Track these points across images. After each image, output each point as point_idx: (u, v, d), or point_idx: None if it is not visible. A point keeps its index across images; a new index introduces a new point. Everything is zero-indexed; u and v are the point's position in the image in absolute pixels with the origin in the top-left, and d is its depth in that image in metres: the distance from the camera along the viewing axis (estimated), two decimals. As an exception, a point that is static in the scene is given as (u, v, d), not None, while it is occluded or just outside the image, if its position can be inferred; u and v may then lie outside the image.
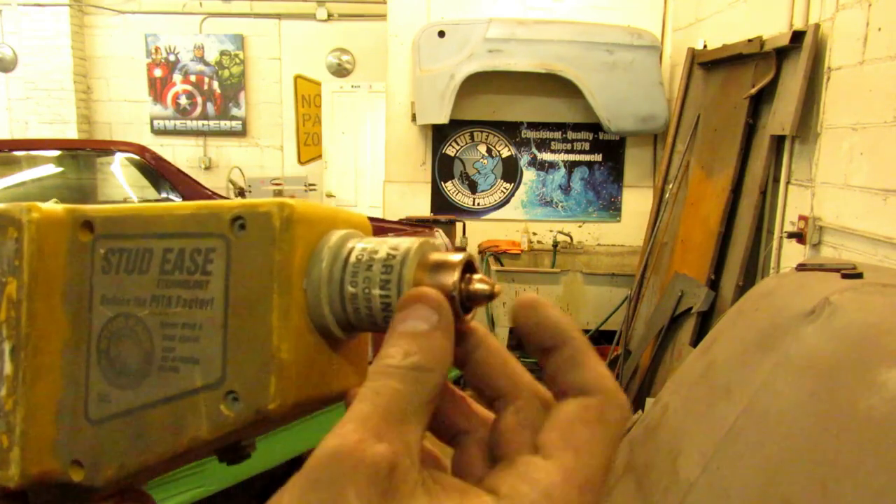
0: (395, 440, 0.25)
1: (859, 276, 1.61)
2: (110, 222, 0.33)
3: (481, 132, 5.05)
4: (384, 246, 0.30)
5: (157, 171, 4.27)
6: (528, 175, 5.11)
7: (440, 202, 5.08)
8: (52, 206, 0.33)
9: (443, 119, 4.64)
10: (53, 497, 0.34)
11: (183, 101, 6.95)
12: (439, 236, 3.34)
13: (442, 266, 0.29)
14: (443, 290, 0.28)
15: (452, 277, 0.29)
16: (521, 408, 0.29)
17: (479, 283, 0.29)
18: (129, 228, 0.32)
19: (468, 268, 0.30)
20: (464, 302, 0.29)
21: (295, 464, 3.06)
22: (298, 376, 0.29)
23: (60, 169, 4.59)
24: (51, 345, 0.32)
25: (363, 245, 0.30)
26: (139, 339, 0.31)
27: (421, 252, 0.29)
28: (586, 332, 4.70)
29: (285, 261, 0.29)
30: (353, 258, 0.30)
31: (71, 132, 6.65)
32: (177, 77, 6.90)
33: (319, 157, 7.13)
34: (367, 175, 7.02)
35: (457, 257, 0.29)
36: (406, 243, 0.30)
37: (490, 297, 0.29)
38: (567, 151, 5.08)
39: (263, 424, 0.29)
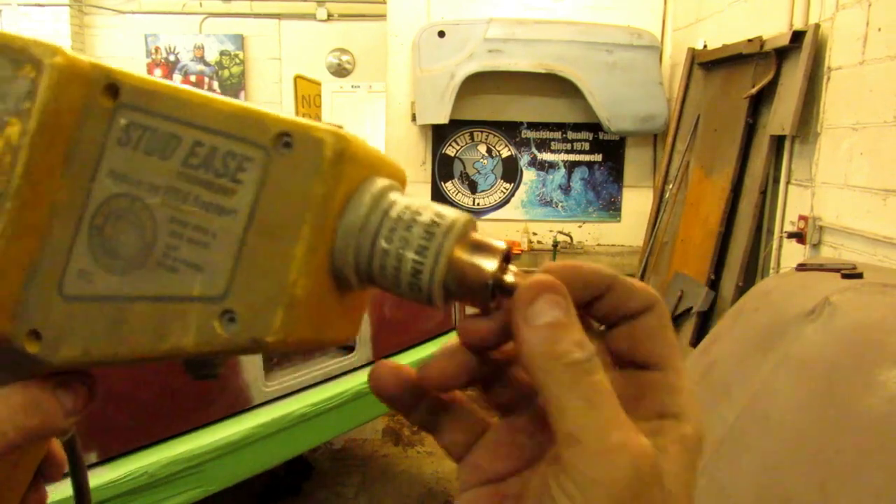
0: (634, 426, 0.26)
1: (859, 276, 1.62)
2: (139, 94, 0.29)
3: (481, 132, 5.05)
4: (429, 210, 0.28)
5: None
6: (528, 175, 5.11)
7: (440, 202, 5.07)
8: (78, 56, 0.30)
9: (443, 119, 4.64)
10: None
11: (183, 101, 6.96)
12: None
13: (483, 248, 0.28)
14: (479, 275, 0.28)
15: (493, 265, 0.28)
16: (661, 312, 0.30)
17: (512, 276, 0.28)
18: (160, 107, 0.29)
19: (505, 257, 0.29)
20: (493, 290, 0.28)
21: (295, 464, 3.06)
22: (305, 315, 0.28)
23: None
24: (41, 204, 0.29)
25: (407, 202, 0.29)
26: (142, 226, 0.29)
27: (466, 228, 0.28)
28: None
29: (327, 195, 0.27)
30: (393, 213, 0.28)
31: (71, 132, 6.64)
32: (177, 77, 6.90)
33: (319, 157, 7.14)
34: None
35: (500, 244, 0.29)
36: (452, 214, 0.29)
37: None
38: (567, 151, 5.08)
39: (252, 351, 0.28)
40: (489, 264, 0.28)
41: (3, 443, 0.29)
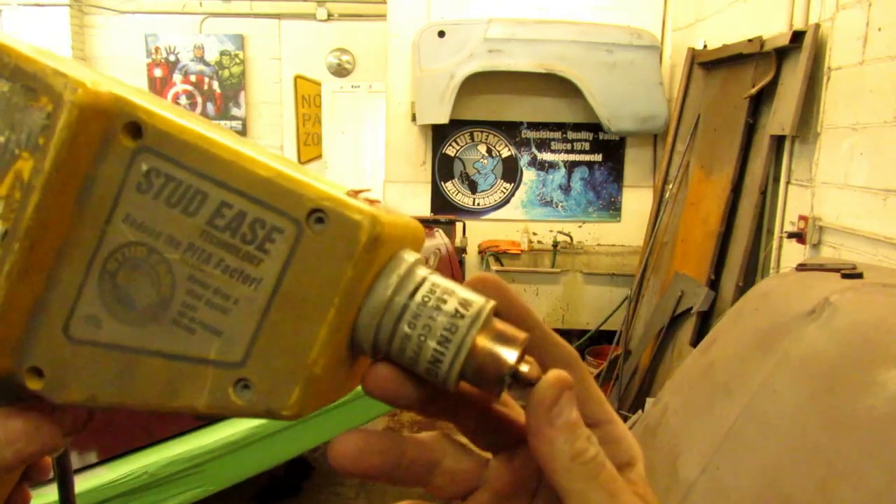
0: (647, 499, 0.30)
1: (859, 276, 1.61)
2: (165, 140, 0.28)
3: (481, 132, 5.04)
4: (453, 297, 0.28)
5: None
6: (528, 175, 5.11)
7: (440, 202, 5.08)
8: (100, 88, 0.27)
9: (443, 119, 4.64)
10: None
11: (183, 101, 6.95)
12: (439, 236, 3.34)
13: (504, 338, 0.28)
14: (497, 367, 0.27)
15: (514, 356, 0.28)
16: (582, 368, 0.31)
17: (528, 366, 0.28)
18: (186, 158, 0.28)
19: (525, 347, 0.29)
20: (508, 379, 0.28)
21: (295, 464, 3.06)
22: (320, 389, 0.28)
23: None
24: (50, 244, 0.28)
25: (432, 284, 0.28)
26: (159, 280, 0.28)
27: (489, 317, 0.28)
28: (586, 332, 4.70)
29: (357, 280, 0.27)
30: (418, 296, 0.28)
31: (71, 132, 6.63)
32: (177, 77, 6.90)
33: (319, 157, 7.13)
34: (368, 175, 7.02)
35: (520, 333, 0.28)
36: (477, 302, 0.28)
37: (532, 384, 0.28)
38: (567, 151, 5.08)
39: (263, 418, 0.28)
40: (510, 356, 0.28)
41: (2, 466, 0.29)
